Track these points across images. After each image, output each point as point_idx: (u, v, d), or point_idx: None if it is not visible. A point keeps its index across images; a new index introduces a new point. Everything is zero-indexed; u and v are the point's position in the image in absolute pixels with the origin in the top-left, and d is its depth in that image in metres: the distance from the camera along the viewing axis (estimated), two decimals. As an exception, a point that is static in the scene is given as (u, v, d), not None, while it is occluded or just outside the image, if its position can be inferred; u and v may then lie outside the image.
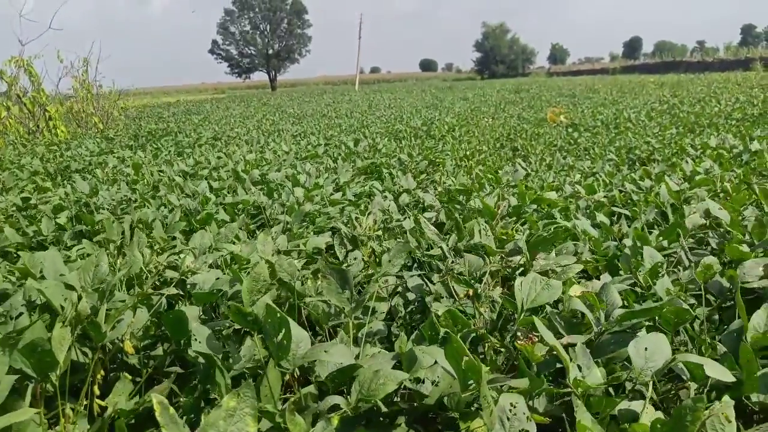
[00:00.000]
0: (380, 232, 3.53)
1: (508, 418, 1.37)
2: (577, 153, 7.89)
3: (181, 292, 2.42)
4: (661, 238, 2.73)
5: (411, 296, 2.44)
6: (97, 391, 1.92)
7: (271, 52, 77.98)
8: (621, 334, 1.69)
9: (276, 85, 79.11)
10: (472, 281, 2.24)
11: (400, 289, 2.50)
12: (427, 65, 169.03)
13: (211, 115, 21.47)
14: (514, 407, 1.38)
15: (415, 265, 2.99)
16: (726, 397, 1.39)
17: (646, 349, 1.54)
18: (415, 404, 1.62)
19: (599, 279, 2.24)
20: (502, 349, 1.85)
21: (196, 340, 1.56)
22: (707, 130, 8.95)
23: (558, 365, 1.67)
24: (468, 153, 7.80)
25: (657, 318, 1.87)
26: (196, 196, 4.80)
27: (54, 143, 12.13)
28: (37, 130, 15.11)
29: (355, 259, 2.61)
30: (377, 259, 2.88)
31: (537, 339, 1.59)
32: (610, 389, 1.79)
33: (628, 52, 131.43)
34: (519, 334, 1.82)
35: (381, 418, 1.69)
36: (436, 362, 1.60)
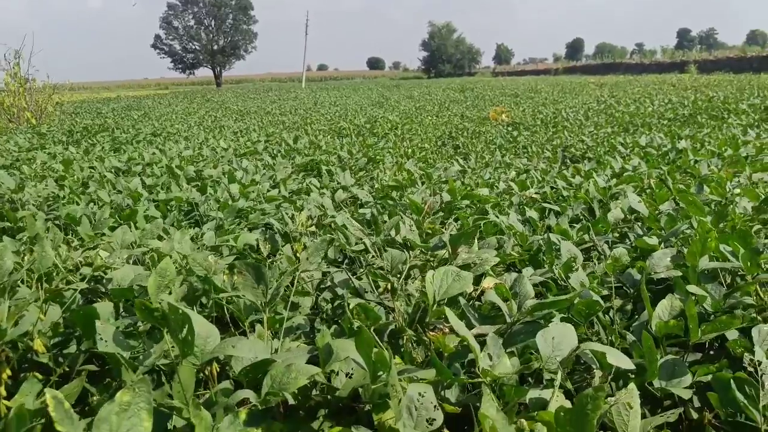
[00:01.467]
0: (314, 228, 3.52)
1: (416, 408, 1.38)
2: (515, 151, 8.04)
3: (102, 288, 2.36)
4: (581, 232, 2.81)
5: (340, 291, 2.44)
6: (3, 392, 1.85)
7: (215, 47, 76.59)
8: (532, 324, 1.73)
9: (221, 81, 77.82)
10: (397, 275, 2.25)
11: (329, 283, 2.49)
12: (375, 63, 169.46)
13: (152, 111, 20.99)
14: (422, 396, 1.39)
15: (346, 260, 2.99)
16: (631, 385, 1.44)
17: (553, 338, 1.57)
18: (329, 397, 1.62)
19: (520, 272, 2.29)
20: (420, 342, 1.87)
21: (101, 339, 1.52)
22: (640, 129, 9.25)
23: (472, 356, 1.69)
24: (408, 150, 7.85)
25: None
26: (126, 192, 4.68)
27: (-18, 138, 11.63)
28: (-36, 125, 14.46)
29: (280, 254, 2.59)
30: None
31: (448, 330, 1.61)
32: (530, 378, 1.84)
33: (570, 54, 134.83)
34: (438, 326, 1.84)
35: (300, 412, 1.69)
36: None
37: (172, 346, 1.61)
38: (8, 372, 1.84)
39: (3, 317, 1.58)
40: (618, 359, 1.49)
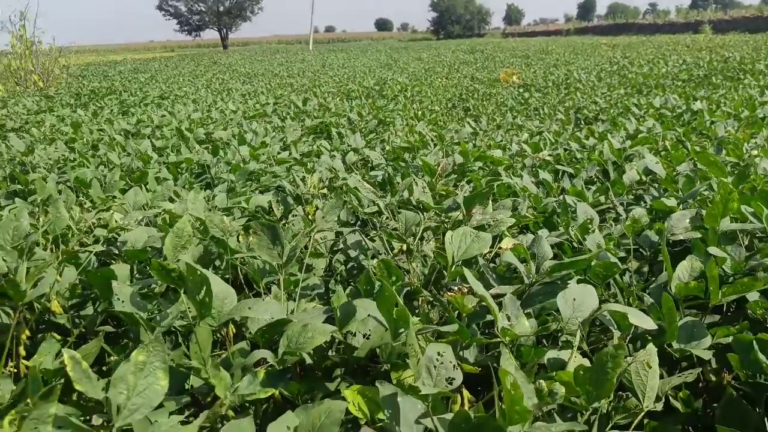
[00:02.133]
0: (326, 191, 3.51)
1: (435, 366, 1.37)
2: (527, 113, 7.94)
3: (116, 251, 2.36)
4: (597, 194, 2.77)
5: (353, 253, 2.43)
6: (23, 352, 1.86)
7: (222, 9, 75.58)
8: (551, 285, 1.71)
9: (228, 43, 76.96)
10: (411, 237, 2.23)
11: (342, 245, 2.48)
12: (383, 25, 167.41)
13: (159, 73, 20.86)
14: (441, 356, 1.38)
15: (358, 222, 2.98)
16: (650, 345, 1.42)
17: (574, 299, 1.56)
18: (347, 357, 1.62)
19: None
20: (436, 303, 1.86)
21: (118, 299, 1.52)
22: (654, 91, 9.11)
23: (489, 317, 1.68)
24: (419, 112, 7.77)
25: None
26: (137, 154, 4.66)
27: (-10, 102, 11.61)
28: (-28, 88, 14.41)
29: (294, 216, 2.57)
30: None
31: (466, 291, 1.59)
32: (544, 341, 1.83)
33: (582, 14, 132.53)
34: (456, 286, 1.83)
35: (317, 372, 1.69)
36: (368, 316, 1.60)
37: (189, 308, 1.61)
38: (27, 333, 1.85)
39: (22, 278, 1.58)
40: (640, 319, 1.48)
